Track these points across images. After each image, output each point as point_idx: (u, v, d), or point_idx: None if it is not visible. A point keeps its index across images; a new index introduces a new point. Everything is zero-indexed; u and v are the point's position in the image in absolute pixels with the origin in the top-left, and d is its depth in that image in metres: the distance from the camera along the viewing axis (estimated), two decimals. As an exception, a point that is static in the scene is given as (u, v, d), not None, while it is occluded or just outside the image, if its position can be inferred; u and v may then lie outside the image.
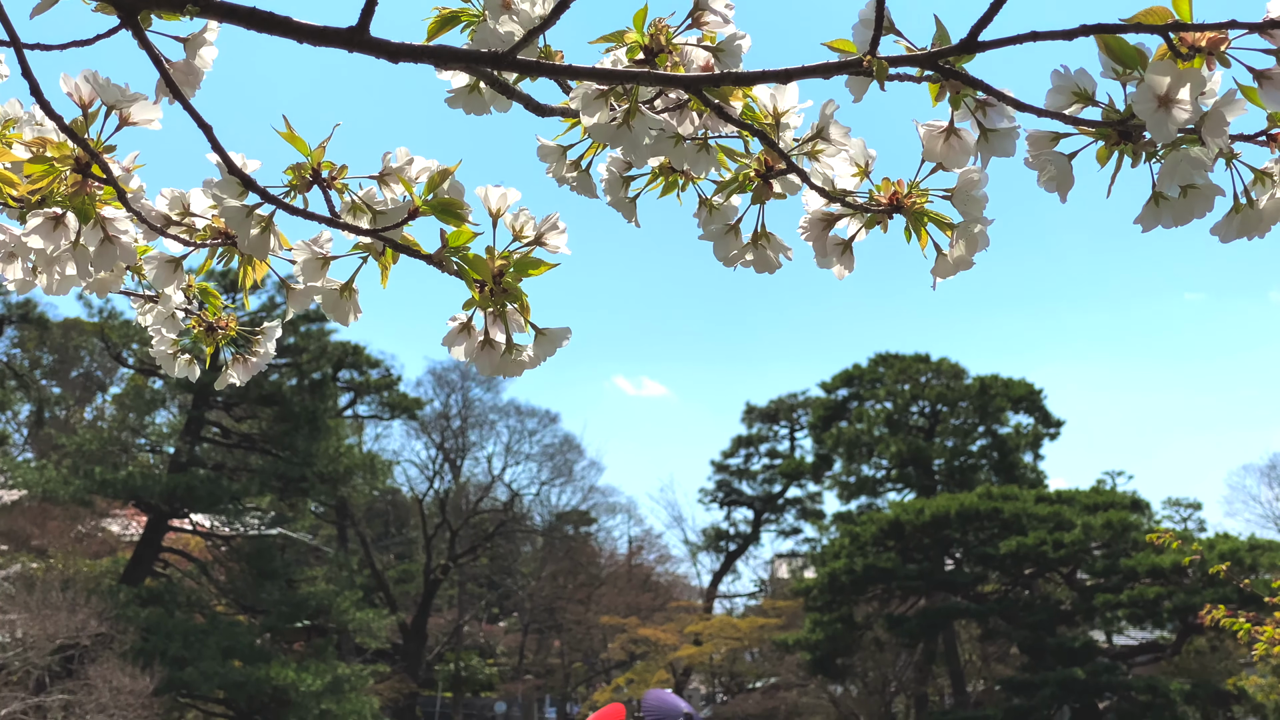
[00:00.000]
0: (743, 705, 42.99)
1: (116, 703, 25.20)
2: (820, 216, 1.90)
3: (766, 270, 1.97)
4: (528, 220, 1.97)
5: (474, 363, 1.99)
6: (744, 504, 53.30)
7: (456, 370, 54.43)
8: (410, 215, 1.85)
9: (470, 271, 1.93)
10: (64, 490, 33.48)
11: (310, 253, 1.94)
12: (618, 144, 1.84)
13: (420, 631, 48.68)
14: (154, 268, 2.05)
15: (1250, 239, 1.75)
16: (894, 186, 1.86)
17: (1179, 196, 1.72)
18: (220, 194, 1.81)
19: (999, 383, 42.44)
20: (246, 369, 2.53)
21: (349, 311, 1.98)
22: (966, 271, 1.89)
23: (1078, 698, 32.80)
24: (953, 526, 34.17)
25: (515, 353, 2.00)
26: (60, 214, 1.88)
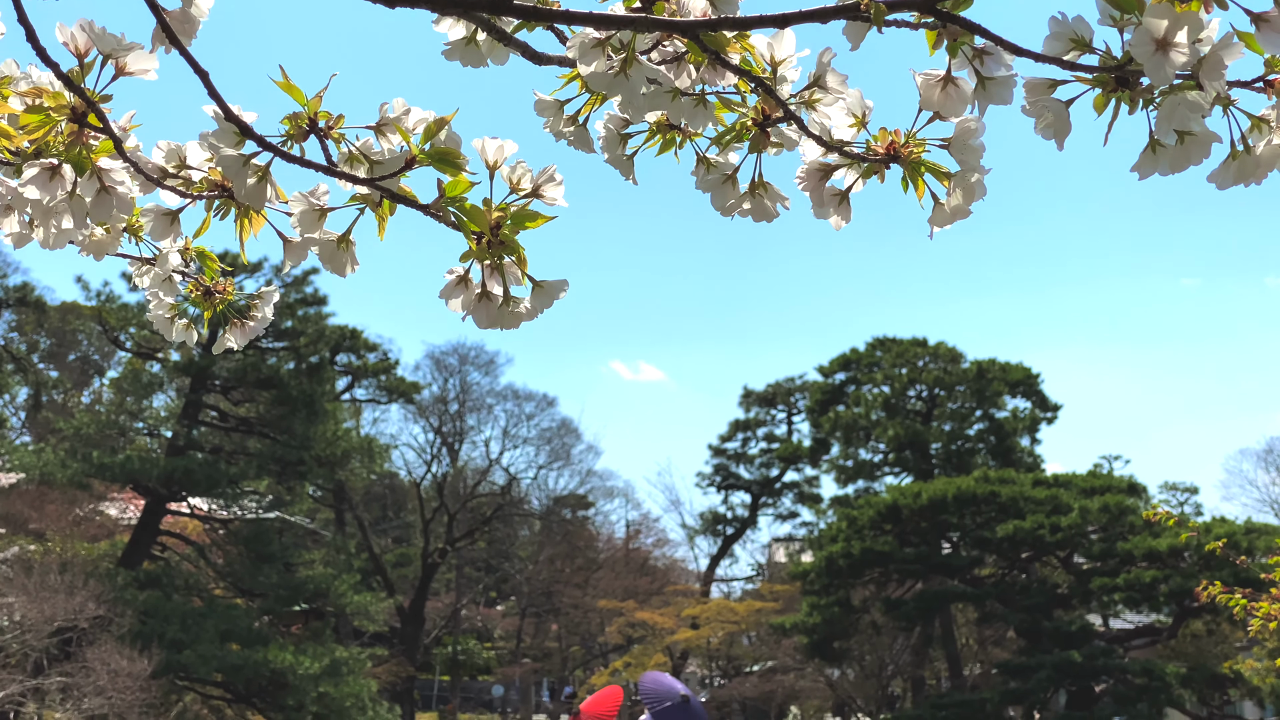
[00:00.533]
0: (740, 688, 43.08)
1: (114, 685, 25.24)
2: (817, 167, 1.90)
3: (764, 219, 1.96)
4: (525, 173, 1.97)
5: (471, 315, 1.99)
6: (741, 488, 53.35)
7: (454, 354, 54.48)
8: (407, 165, 1.85)
9: (468, 223, 1.93)
10: (61, 473, 33.49)
11: (307, 204, 1.94)
12: (615, 92, 1.84)
13: (418, 615, 48.75)
14: (151, 220, 2.05)
15: (1247, 185, 1.75)
16: (891, 136, 1.86)
17: (1176, 144, 1.72)
18: (217, 142, 1.81)
19: (996, 367, 42.44)
20: (244, 333, 2.53)
21: (346, 263, 1.98)
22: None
23: (1074, 681, 32.85)
24: (950, 510, 34.19)
25: (512, 305, 1.99)
26: (56, 164, 1.88)
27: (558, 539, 54.94)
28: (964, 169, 1.85)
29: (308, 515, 43.86)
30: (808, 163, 1.91)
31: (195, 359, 35.96)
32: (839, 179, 1.92)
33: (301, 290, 36.93)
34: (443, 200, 1.88)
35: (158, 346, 37.88)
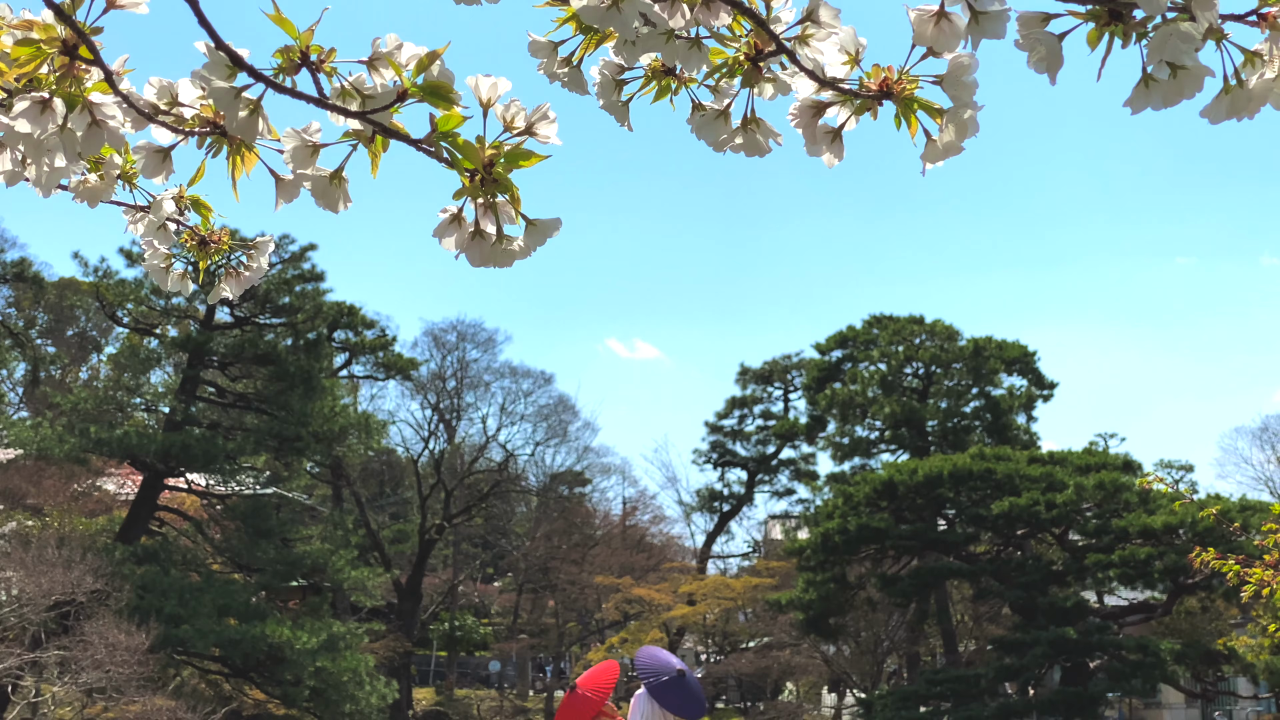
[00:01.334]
0: (736, 664, 43.20)
1: (112, 659, 25.28)
2: (810, 104, 1.90)
3: (756, 153, 1.96)
4: (519, 111, 1.96)
5: (465, 253, 1.98)
6: (738, 465, 53.37)
7: (453, 331, 54.46)
8: (399, 97, 1.84)
9: (462, 161, 1.92)
10: (59, 449, 33.49)
11: (300, 140, 1.94)
12: (606, 25, 1.83)
13: (415, 591, 48.84)
14: (143, 157, 2.04)
15: (1240, 119, 1.75)
16: (884, 73, 1.86)
17: (1169, 78, 1.72)
18: (209, 74, 1.81)
19: (993, 344, 42.41)
20: (239, 283, 2.52)
21: (339, 199, 1.97)
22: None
23: (1069, 657, 32.95)
24: (946, 487, 34.21)
25: (505, 243, 1.99)
26: (47, 98, 1.87)
27: (555, 515, 55.00)
28: (957, 105, 1.85)
29: (305, 491, 43.92)
30: (801, 100, 1.91)
31: (193, 334, 35.93)
32: (832, 116, 1.91)
33: (299, 266, 36.88)
34: (435, 135, 1.88)
35: (155, 322, 37.83)
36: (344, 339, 44.44)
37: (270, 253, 2.48)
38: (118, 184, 2.37)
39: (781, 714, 41.45)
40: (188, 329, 36.77)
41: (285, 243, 36.64)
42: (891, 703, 33.45)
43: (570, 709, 21.43)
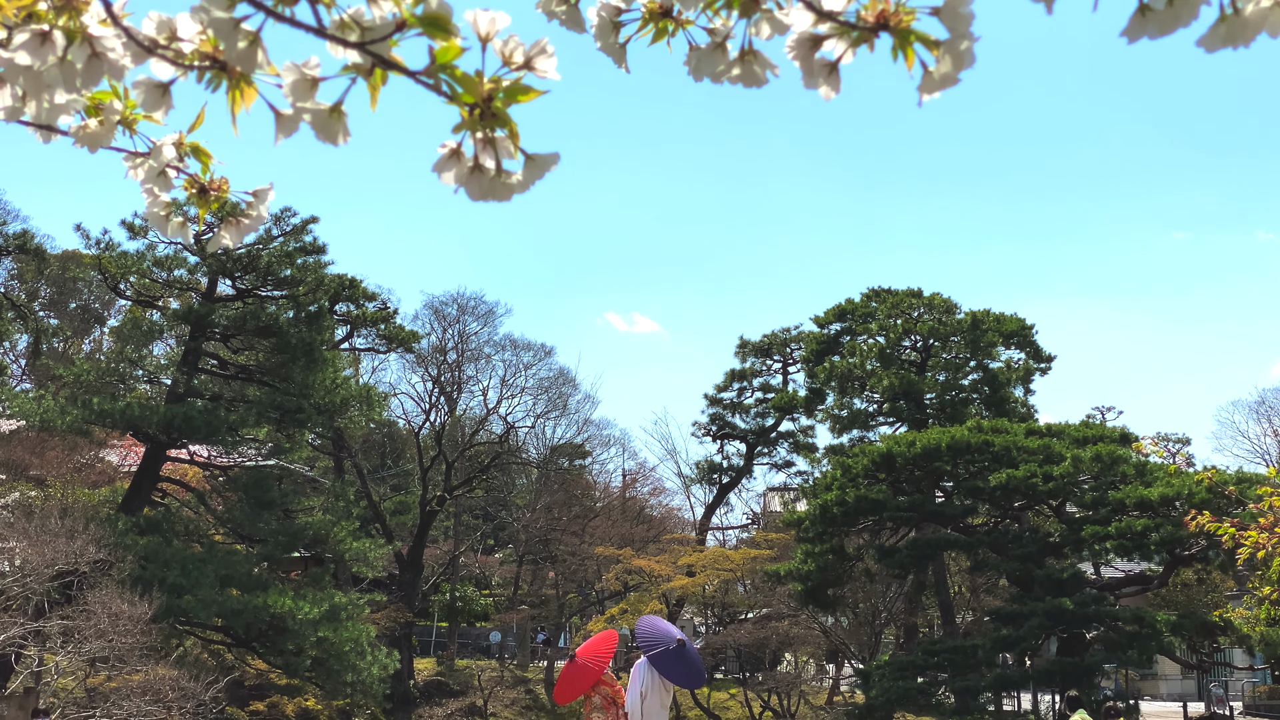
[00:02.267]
0: (735, 635, 43.34)
1: (115, 628, 25.33)
2: (808, 37, 1.91)
3: (753, 84, 1.97)
4: (517, 45, 1.97)
5: (464, 187, 2.00)
6: (737, 437, 53.44)
7: (453, 304, 54.46)
8: (398, 27, 1.85)
9: (462, 95, 1.93)
10: (61, 420, 33.52)
11: (299, 74, 1.94)
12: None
13: (416, 562, 48.97)
14: (142, 93, 2.05)
15: (1236, 48, 1.76)
16: (881, 5, 1.87)
17: (1165, 6, 1.73)
18: (208, 4, 1.82)
19: (991, 318, 42.41)
20: (239, 231, 2.53)
21: (338, 132, 1.98)
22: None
23: (1065, 628, 33.07)
24: (943, 459, 34.27)
25: (504, 177, 2.00)
26: (47, 30, 1.88)
27: (555, 487, 55.10)
28: (954, 36, 1.86)
29: (307, 463, 44.00)
30: (798, 33, 1.92)
31: (195, 307, 35.94)
32: (829, 50, 1.92)
33: (300, 239, 36.83)
34: (434, 67, 1.89)
35: (158, 294, 37.84)
36: (345, 311, 44.47)
37: (270, 201, 2.48)
38: (118, 129, 2.38)
39: (780, 684, 41.61)
40: (190, 301, 36.78)
41: (287, 215, 36.62)
42: (889, 673, 33.57)
43: (570, 678, 21.41)
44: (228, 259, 35.83)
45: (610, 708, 20.43)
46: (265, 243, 36.39)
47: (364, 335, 46.54)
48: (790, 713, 40.42)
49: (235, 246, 2.64)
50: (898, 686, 32.77)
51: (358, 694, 36.57)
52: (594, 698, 20.53)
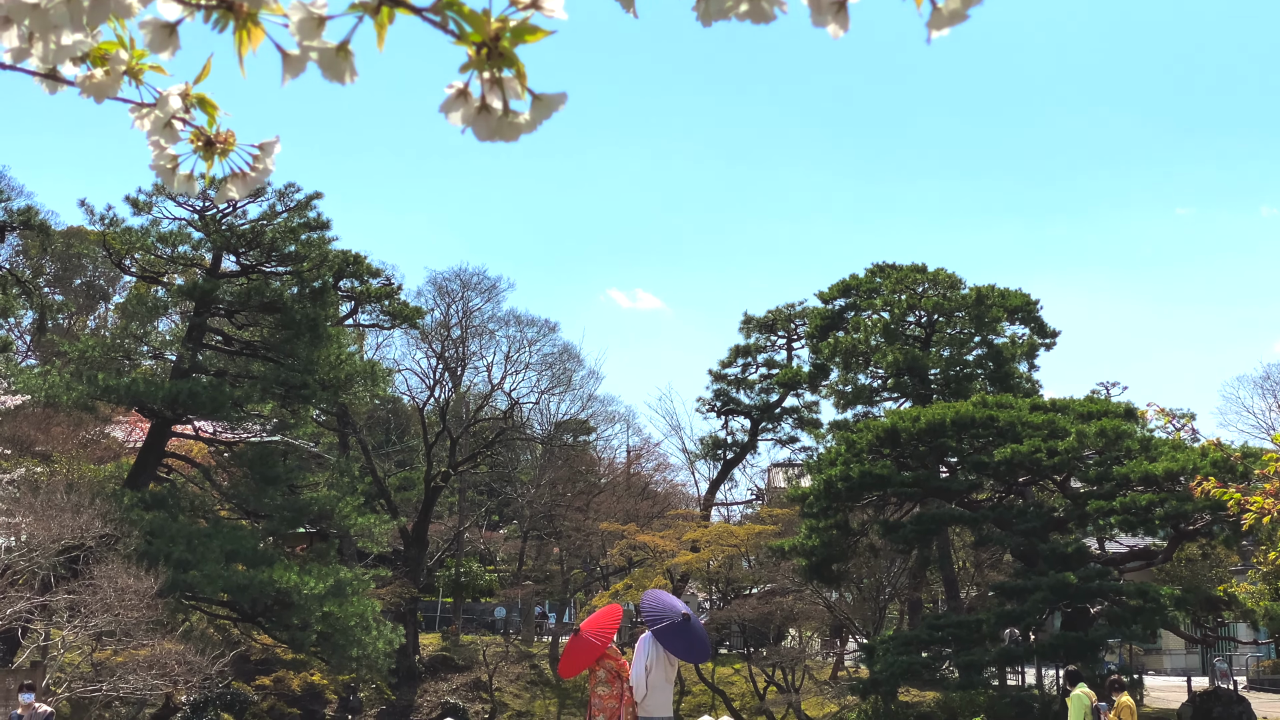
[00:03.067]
0: (739, 610, 43.43)
1: (121, 603, 25.47)
2: (815, -32, 1.95)
3: (762, 20, 2.00)
4: (526, -17, 2.01)
5: (471, 127, 2.04)
6: (741, 413, 53.50)
7: (456, 280, 54.48)
8: (407, -39, 1.90)
9: (469, 34, 1.98)
10: (67, 396, 33.62)
11: (306, 12, 1.99)
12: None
13: (421, 538, 49.11)
14: (149, 33, 2.10)
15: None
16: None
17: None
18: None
19: (995, 293, 42.36)
20: (245, 184, 2.56)
21: (345, 71, 2.03)
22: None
23: (1069, 602, 33.12)
24: (948, 434, 34.28)
25: (511, 117, 2.05)
26: (52, -35, 1.92)
27: (559, 463, 55.21)
28: (963, -32, 1.90)
29: (311, 439, 44.07)
30: (806, -36, 1.96)
31: (199, 282, 35.99)
32: (838, -15, 1.96)
33: (304, 215, 36.86)
34: (441, 4, 1.93)
35: (162, 270, 37.89)
36: (350, 287, 44.51)
37: (276, 154, 2.52)
38: (124, 80, 2.41)
39: (784, 659, 41.71)
40: (194, 277, 36.83)
41: (290, 191, 36.64)
42: (893, 648, 33.65)
43: (575, 651, 21.49)
44: (232, 235, 35.88)
45: (615, 681, 20.53)
46: (269, 219, 36.45)
47: (368, 311, 46.61)
48: (795, 687, 40.53)
49: (241, 198, 2.65)
50: (902, 661, 32.85)
51: (363, 668, 36.78)
52: (599, 671, 20.62)
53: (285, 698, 41.68)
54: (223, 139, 2.56)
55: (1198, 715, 33.45)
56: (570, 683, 43.32)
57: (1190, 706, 33.87)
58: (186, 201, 36.03)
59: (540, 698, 44.67)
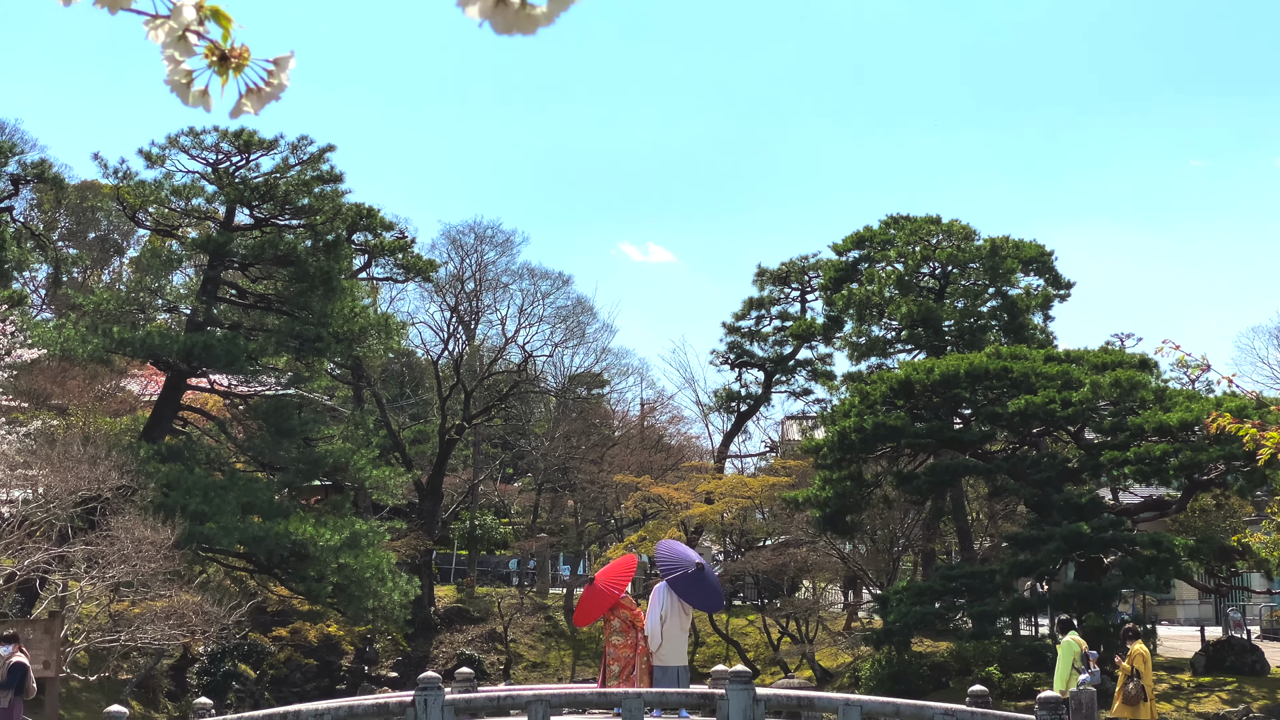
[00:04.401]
0: (753, 562, 43.59)
1: (138, 554, 25.66)
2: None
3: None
4: None
5: (489, 19, 2.05)
6: (755, 365, 53.43)
7: (470, 233, 54.46)
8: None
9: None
10: (82, 349, 33.77)
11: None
12: None
13: (436, 490, 49.29)
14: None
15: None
16: None
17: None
18: None
19: (1010, 244, 42.15)
20: (260, 99, 2.57)
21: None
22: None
23: (1083, 552, 33.16)
24: (962, 385, 34.23)
25: (529, 9, 2.06)
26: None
27: (573, 416, 55.33)
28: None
29: (326, 392, 44.20)
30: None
31: (213, 235, 36.03)
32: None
33: (317, 167, 36.84)
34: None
35: (176, 224, 37.93)
36: (363, 241, 44.48)
37: (291, 69, 2.52)
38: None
39: (798, 610, 41.90)
40: (208, 230, 36.87)
41: (303, 144, 36.58)
42: (907, 598, 33.75)
43: (589, 601, 21.61)
44: (245, 188, 35.88)
45: (629, 631, 20.67)
46: (282, 172, 36.43)
47: (381, 264, 46.62)
48: (808, 638, 40.73)
49: (256, 112, 2.64)
50: (915, 611, 32.96)
51: (379, 619, 37.06)
52: (613, 621, 20.77)
53: (302, 648, 42.00)
54: (237, 54, 2.55)
55: (1211, 664, 33.56)
56: (585, 634, 43.58)
57: (1203, 656, 33.98)
58: (200, 154, 36.04)
59: (555, 649, 44.96)
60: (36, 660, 22.18)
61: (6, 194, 37.00)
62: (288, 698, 34.62)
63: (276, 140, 36.32)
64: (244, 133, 36.00)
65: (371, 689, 38.03)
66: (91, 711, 29.11)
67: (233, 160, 36.16)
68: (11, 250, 35.64)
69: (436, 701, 17.37)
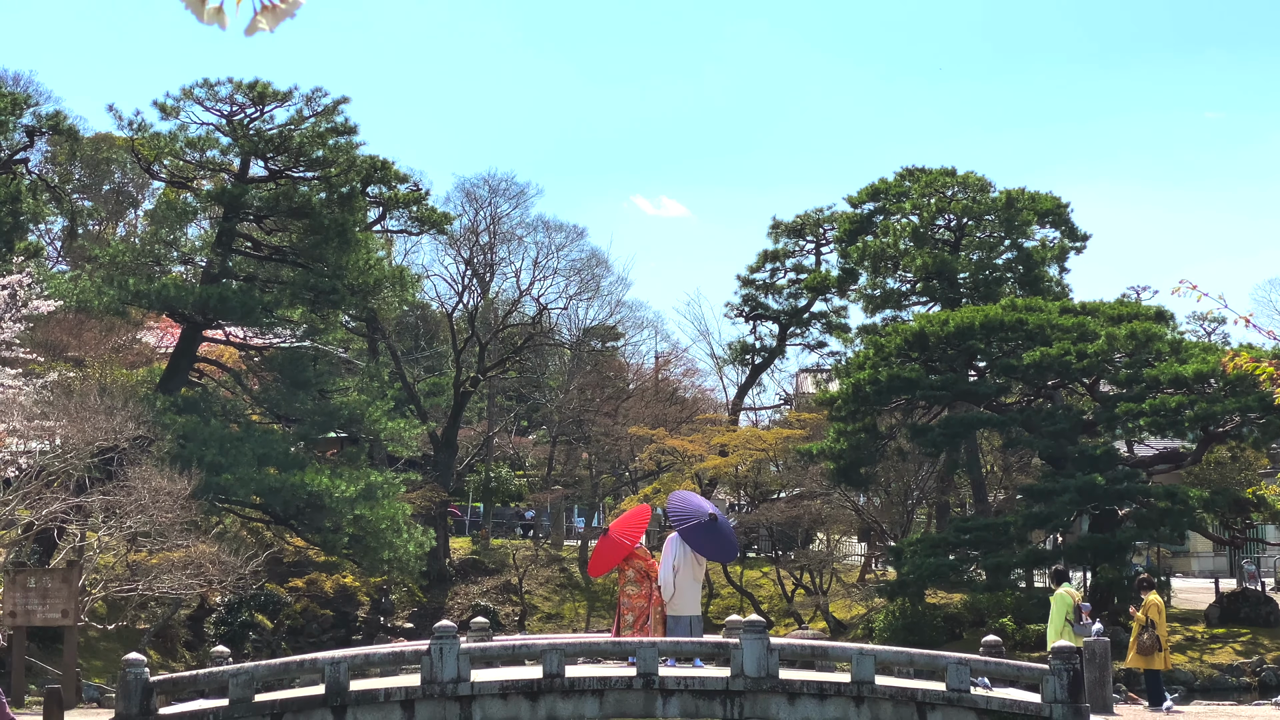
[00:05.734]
0: (767, 514, 43.68)
1: (155, 504, 25.83)
2: None
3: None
4: None
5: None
6: (769, 318, 53.28)
7: (485, 185, 54.35)
8: None
9: None
10: (98, 300, 33.89)
11: None
12: None
13: (450, 442, 49.44)
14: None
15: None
16: None
17: None
18: None
19: (1025, 196, 41.87)
20: (275, 16, 2.56)
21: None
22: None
23: (1097, 504, 33.20)
24: (977, 337, 34.15)
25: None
26: None
27: (588, 369, 55.35)
28: None
29: (341, 344, 44.32)
30: None
31: (228, 188, 36.04)
32: None
33: (331, 120, 36.75)
34: None
35: (191, 176, 37.93)
36: (377, 193, 44.36)
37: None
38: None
39: (812, 562, 42.02)
40: (223, 182, 36.86)
41: (317, 95, 36.48)
42: (921, 550, 33.83)
43: (604, 551, 21.64)
44: (259, 139, 35.83)
45: (643, 581, 20.72)
46: (296, 123, 36.35)
47: (396, 217, 46.51)
48: (822, 590, 40.85)
49: (271, 30, 2.64)
50: (929, 563, 33.04)
51: (394, 570, 37.29)
52: (627, 571, 20.82)
53: (318, 599, 42.27)
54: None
55: (1225, 616, 33.64)
56: (599, 585, 43.77)
57: (1217, 607, 34.05)
58: (214, 106, 35.98)
59: (569, 600, 45.19)
60: (55, 609, 22.39)
61: (21, 146, 37.00)
62: (304, 648, 34.86)
63: (290, 92, 36.26)
64: (258, 84, 35.94)
65: (387, 640, 38.28)
66: (109, 660, 29.38)
67: (247, 112, 36.10)
68: (27, 202, 35.68)
69: (452, 650, 17.48)
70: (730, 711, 17.75)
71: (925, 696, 17.63)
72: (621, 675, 18.07)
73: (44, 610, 22.45)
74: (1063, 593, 20.72)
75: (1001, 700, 17.73)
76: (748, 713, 17.54)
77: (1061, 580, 21.33)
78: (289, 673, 19.75)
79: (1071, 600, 20.45)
